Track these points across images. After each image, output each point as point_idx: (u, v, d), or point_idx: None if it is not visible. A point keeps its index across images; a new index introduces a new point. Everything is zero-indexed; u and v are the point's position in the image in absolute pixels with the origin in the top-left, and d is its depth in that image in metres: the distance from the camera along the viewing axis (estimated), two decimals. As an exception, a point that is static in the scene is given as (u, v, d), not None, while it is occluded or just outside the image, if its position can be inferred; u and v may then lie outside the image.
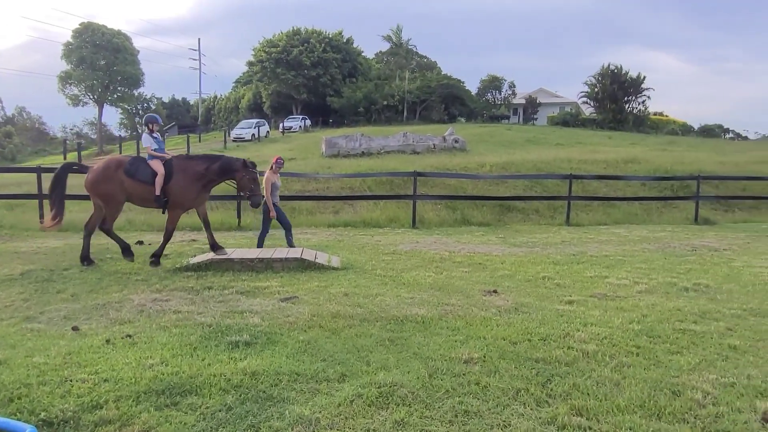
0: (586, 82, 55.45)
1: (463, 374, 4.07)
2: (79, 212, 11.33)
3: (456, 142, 27.70)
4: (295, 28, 58.68)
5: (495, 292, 6.60)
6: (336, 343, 4.73)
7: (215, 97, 76.28)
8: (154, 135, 8.29)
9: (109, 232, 8.19)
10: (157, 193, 7.81)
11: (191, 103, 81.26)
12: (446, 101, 58.07)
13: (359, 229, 12.60)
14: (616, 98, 52.76)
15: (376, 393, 3.70)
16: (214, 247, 8.00)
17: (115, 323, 5.24)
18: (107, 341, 4.65)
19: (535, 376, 4.07)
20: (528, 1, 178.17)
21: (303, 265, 7.73)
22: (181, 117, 73.66)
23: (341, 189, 15.95)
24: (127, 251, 8.11)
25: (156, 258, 8.04)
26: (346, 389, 3.78)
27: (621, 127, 50.08)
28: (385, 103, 55.61)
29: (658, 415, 3.50)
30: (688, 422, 3.42)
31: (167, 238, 8.23)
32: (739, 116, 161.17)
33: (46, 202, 10.28)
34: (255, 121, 43.76)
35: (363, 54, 65.34)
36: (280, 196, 9.54)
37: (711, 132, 58.13)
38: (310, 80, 56.60)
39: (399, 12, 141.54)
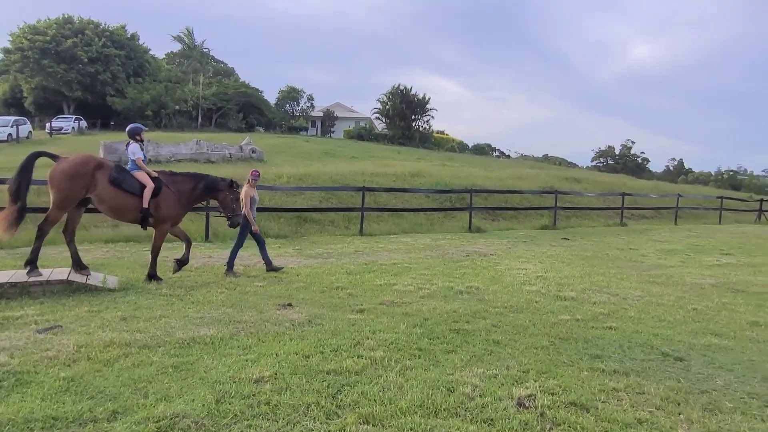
0: (379, 99, 59.48)
1: (253, 395, 3.91)
2: None
3: (253, 152, 27.21)
4: (66, 16, 51.85)
5: (289, 305, 6.55)
6: (108, 376, 4.18)
7: (-43, 87, 63.25)
8: (143, 146, 8.10)
9: (43, 234, 7.12)
10: (145, 205, 7.60)
11: None
12: (244, 110, 56.80)
13: (144, 245, 11.47)
14: (404, 116, 57.53)
15: (154, 429, 3.35)
16: (180, 262, 8.14)
17: None
18: None
19: (326, 388, 4.10)
20: (326, 17, 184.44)
21: (70, 288, 6.73)
22: None
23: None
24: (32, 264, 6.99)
25: (152, 279, 7.74)
26: (117, 429, 3.35)
27: (409, 142, 54.69)
28: (177, 107, 52.18)
29: (435, 412, 3.79)
30: (459, 416, 3.76)
31: (155, 254, 7.92)
32: (504, 137, 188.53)
33: None
34: (12, 118, 37.18)
35: (151, 53, 60.52)
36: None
37: (482, 150, 67.05)
38: (87, 76, 50.44)
39: (191, 12, 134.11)
